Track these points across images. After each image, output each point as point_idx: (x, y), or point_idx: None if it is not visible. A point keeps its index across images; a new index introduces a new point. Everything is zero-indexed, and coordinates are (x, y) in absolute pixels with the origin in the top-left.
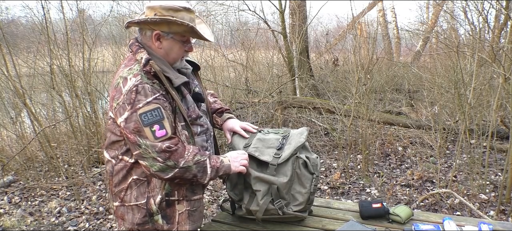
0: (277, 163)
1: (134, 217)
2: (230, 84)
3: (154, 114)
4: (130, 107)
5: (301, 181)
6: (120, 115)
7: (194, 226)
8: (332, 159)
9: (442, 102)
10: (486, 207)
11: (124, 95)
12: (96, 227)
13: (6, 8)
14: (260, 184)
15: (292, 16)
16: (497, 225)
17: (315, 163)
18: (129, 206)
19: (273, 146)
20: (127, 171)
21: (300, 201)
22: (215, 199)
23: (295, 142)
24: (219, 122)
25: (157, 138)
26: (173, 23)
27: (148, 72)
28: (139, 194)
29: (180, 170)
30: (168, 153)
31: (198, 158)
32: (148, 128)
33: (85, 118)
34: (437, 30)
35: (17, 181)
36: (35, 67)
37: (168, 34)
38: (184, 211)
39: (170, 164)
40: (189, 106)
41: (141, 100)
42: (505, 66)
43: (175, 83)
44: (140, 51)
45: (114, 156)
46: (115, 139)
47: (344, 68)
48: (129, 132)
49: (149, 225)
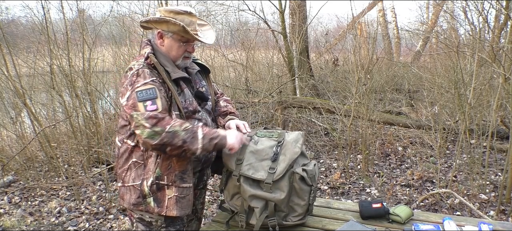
0: (272, 181)
1: (130, 197)
2: (230, 84)
3: (148, 92)
4: (131, 87)
5: (299, 194)
6: (123, 95)
7: (181, 213)
8: (332, 159)
9: (442, 102)
10: (486, 207)
11: (128, 79)
12: (96, 227)
13: (6, 8)
14: (257, 201)
15: (292, 16)
16: (497, 225)
17: (312, 174)
18: (128, 187)
19: (267, 158)
20: (128, 154)
21: (299, 212)
22: (215, 199)
23: (290, 154)
24: (221, 123)
25: (147, 110)
26: (169, 22)
27: (148, 64)
28: (136, 176)
29: (167, 134)
30: (155, 119)
31: (187, 125)
32: (142, 103)
33: (85, 118)
34: (437, 30)
35: (17, 181)
36: (35, 67)
37: (168, 33)
38: (172, 196)
39: (157, 129)
40: (186, 99)
41: (139, 81)
42: (505, 66)
43: (173, 76)
44: (145, 47)
45: (120, 140)
46: (123, 123)
47: (344, 68)
48: (128, 108)
49: (142, 206)
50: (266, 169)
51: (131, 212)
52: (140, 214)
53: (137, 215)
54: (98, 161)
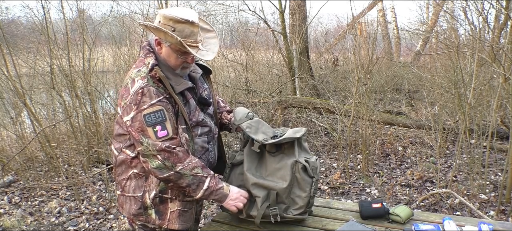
0: (268, 143)
1: (131, 207)
2: (230, 84)
3: (157, 116)
4: (136, 108)
5: (300, 185)
6: (127, 114)
7: (183, 226)
8: (332, 159)
9: (442, 102)
10: (486, 207)
11: (131, 95)
12: (96, 227)
13: (6, 8)
14: (259, 190)
15: (292, 16)
16: (497, 225)
17: (314, 166)
18: (128, 197)
19: (267, 133)
20: (127, 164)
21: (300, 204)
22: None
23: (289, 134)
24: (227, 117)
25: (158, 137)
26: (166, 33)
27: (153, 76)
28: (137, 187)
29: (175, 174)
30: (167, 153)
31: (197, 171)
32: (151, 128)
33: (85, 118)
34: (437, 30)
35: (17, 181)
36: (35, 67)
37: (166, 42)
38: (175, 210)
39: (168, 164)
40: (191, 111)
41: (146, 102)
42: (505, 66)
43: (177, 89)
44: (148, 56)
45: (118, 148)
46: (121, 132)
47: (344, 68)
48: (134, 130)
49: (143, 217)
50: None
51: (132, 220)
52: (141, 223)
53: (140, 222)
54: (98, 161)
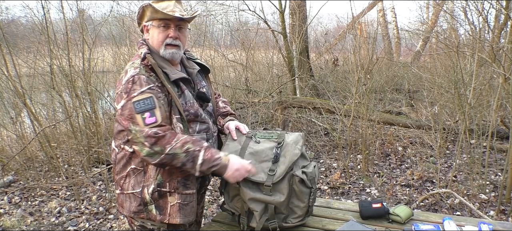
0: (272, 183)
1: (131, 205)
2: (230, 84)
3: (146, 103)
4: (126, 96)
5: (299, 196)
6: (117, 102)
7: (184, 220)
8: (332, 159)
9: (442, 102)
10: (486, 207)
11: (123, 85)
12: (96, 227)
13: (6, 8)
14: (257, 204)
15: (292, 16)
16: (497, 225)
17: (312, 176)
18: (127, 194)
19: (267, 159)
20: (126, 160)
21: (299, 214)
22: (215, 199)
23: (290, 156)
24: (221, 123)
25: (146, 124)
26: (145, 8)
27: (146, 65)
28: (136, 183)
29: (166, 156)
30: (154, 138)
31: (188, 147)
32: (140, 115)
33: (85, 118)
34: (437, 30)
35: (17, 181)
36: (35, 67)
37: (148, 23)
38: (175, 203)
39: (157, 149)
40: (187, 101)
41: (136, 89)
42: (505, 66)
43: (172, 77)
44: (141, 47)
45: (117, 145)
46: (120, 128)
47: (344, 68)
48: (124, 118)
49: (144, 214)
50: (265, 171)
51: (132, 219)
52: (142, 221)
53: (138, 222)
54: (98, 161)
